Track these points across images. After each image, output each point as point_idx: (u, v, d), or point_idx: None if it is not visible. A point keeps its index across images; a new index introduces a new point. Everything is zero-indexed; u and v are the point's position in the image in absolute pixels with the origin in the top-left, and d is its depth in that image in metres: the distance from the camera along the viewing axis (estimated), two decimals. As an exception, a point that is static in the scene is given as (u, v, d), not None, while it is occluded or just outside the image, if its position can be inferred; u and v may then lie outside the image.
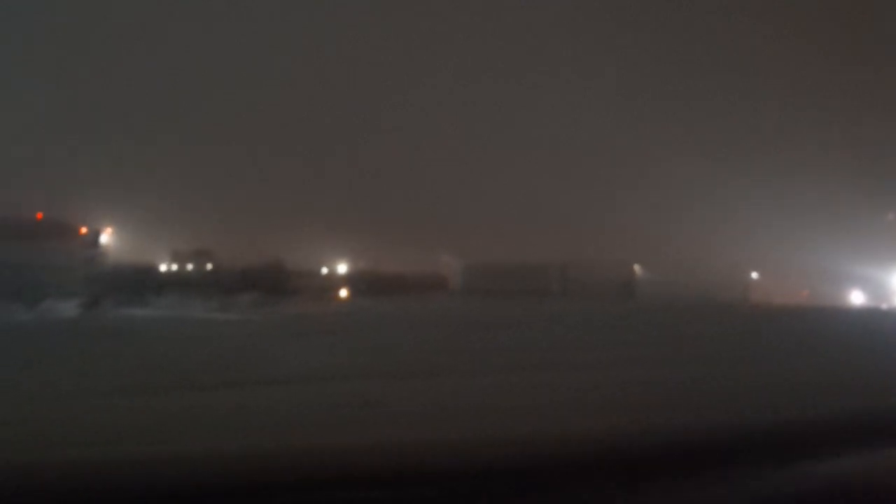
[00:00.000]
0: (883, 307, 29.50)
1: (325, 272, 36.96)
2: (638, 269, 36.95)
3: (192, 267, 32.84)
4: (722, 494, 3.86)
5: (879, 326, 19.17)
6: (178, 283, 28.74)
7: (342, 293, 34.50)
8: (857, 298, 31.94)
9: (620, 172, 38.73)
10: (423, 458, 4.22)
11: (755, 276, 35.54)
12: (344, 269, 37.58)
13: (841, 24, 36.06)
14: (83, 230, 27.36)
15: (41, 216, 26.94)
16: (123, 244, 30.49)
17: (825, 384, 7.69)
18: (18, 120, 37.22)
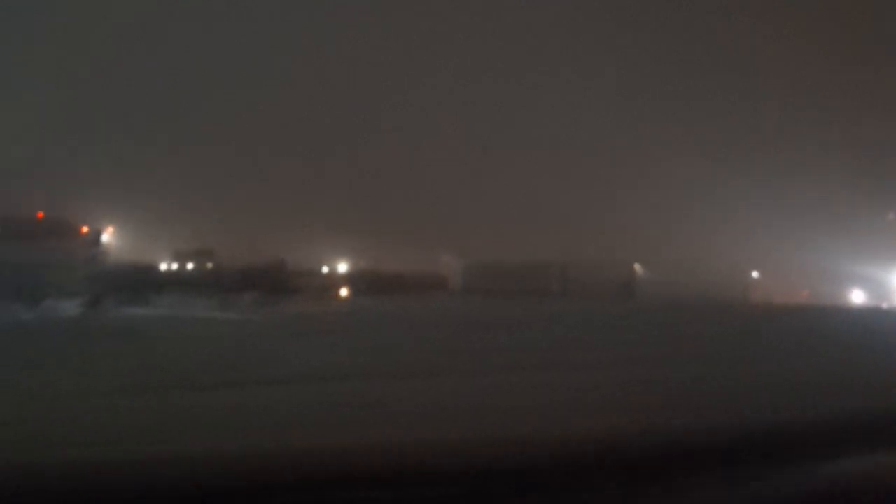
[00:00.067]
0: (883, 306, 29.51)
1: (325, 271, 36.99)
2: (638, 268, 36.94)
3: (192, 266, 32.86)
4: (722, 495, 3.87)
5: (880, 326, 19.18)
6: (179, 282, 28.76)
7: (343, 292, 34.50)
8: (857, 298, 31.94)
9: (620, 172, 38.73)
10: (423, 458, 4.21)
11: (755, 275, 35.53)
12: (344, 268, 37.61)
13: (841, 24, 36.06)
14: (84, 229, 27.35)
15: (42, 215, 26.96)
16: (125, 243, 30.53)
17: (825, 384, 7.69)
18: (19, 119, 37.27)
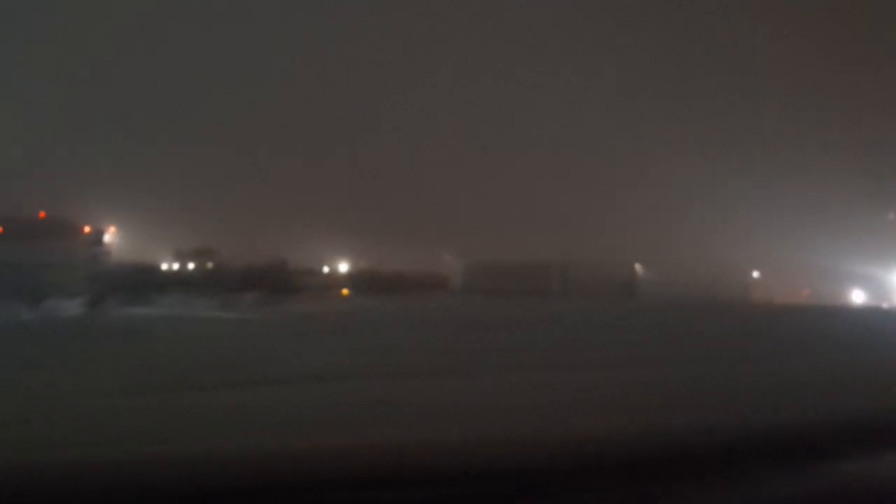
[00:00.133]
0: (884, 306, 29.49)
1: (326, 271, 37.02)
2: (639, 268, 36.92)
3: (193, 266, 32.89)
4: (722, 495, 3.87)
5: (880, 326, 19.18)
6: (180, 282, 28.78)
7: (343, 292, 34.52)
8: (858, 298, 31.91)
9: (621, 172, 38.74)
10: (423, 458, 4.22)
11: (756, 275, 35.51)
12: (345, 268, 37.63)
13: (841, 24, 36.04)
14: (86, 229, 27.39)
15: (44, 215, 26.99)
16: (127, 243, 30.54)
17: (826, 384, 7.70)
18: (21, 119, 37.32)
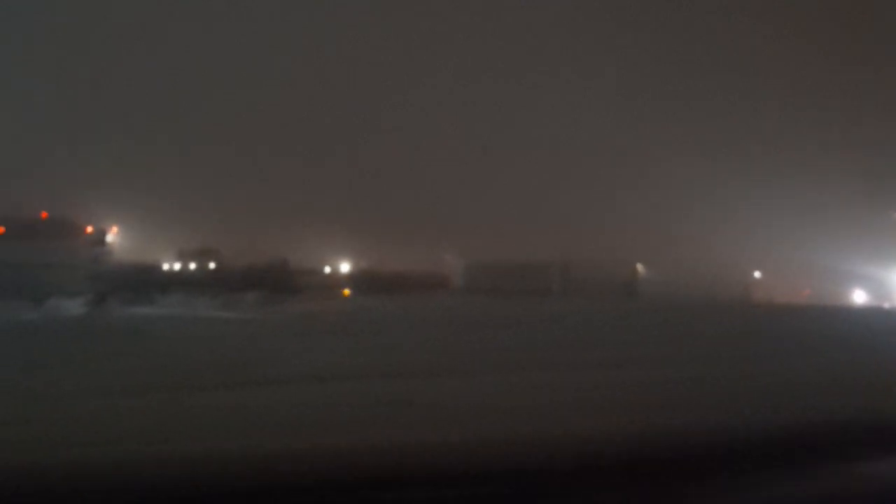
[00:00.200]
0: (885, 306, 29.45)
1: (327, 271, 37.04)
2: (640, 268, 36.91)
3: (195, 266, 32.93)
4: (723, 495, 3.88)
5: (882, 326, 19.16)
6: (182, 282, 28.84)
7: (345, 292, 34.55)
8: (859, 298, 31.88)
9: (622, 172, 38.68)
10: (423, 459, 4.23)
11: (757, 275, 35.48)
12: (346, 268, 37.66)
13: (841, 24, 36.00)
14: (89, 229, 27.49)
15: (46, 215, 27.06)
16: (129, 243, 30.62)
17: (827, 384, 7.70)
18: (24, 119, 37.37)
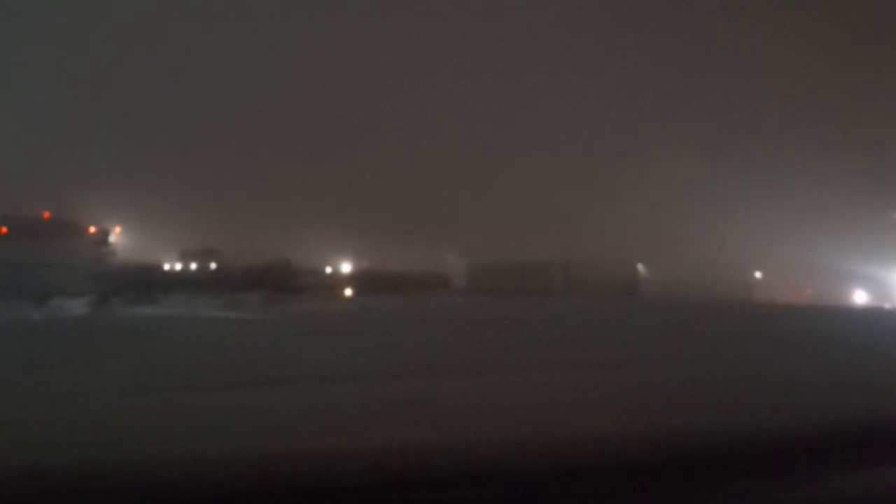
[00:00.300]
0: (886, 307, 29.45)
1: (329, 271, 37.07)
2: (641, 268, 36.92)
3: (196, 266, 32.97)
4: (722, 495, 3.94)
5: (882, 326, 19.18)
6: (184, 282, 28.87)
7: (346, 292, 34.59)
8: (860, 298, 31.87)
9: (623, 172, 38.65)
10: (424, 459, 4.27)
11: (758, 275, 35.47)
12: (348, 268, 37.68)
13: (841, 24, 36.00)
14: (92, 229, 27.54)
15: (48, 215, 27.11)
16: (132, 243, 30.65)
17: (828, 384, 7.72)
18: (26, 119, 37.40)
